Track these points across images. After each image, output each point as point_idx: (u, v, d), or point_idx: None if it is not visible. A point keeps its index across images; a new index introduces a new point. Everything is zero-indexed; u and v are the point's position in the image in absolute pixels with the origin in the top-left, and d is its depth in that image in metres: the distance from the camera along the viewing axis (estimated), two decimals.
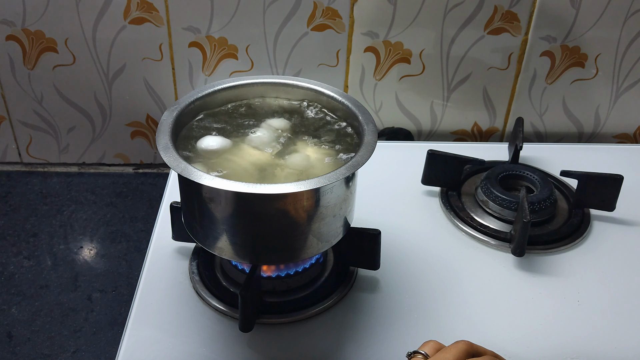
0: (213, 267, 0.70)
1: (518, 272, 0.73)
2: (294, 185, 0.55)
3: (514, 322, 0.66)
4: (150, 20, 0.88)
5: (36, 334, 0.67)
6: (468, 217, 0.80)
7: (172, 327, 0.64)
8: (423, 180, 0.84)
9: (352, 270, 0.71)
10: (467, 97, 0.97)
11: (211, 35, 0.90)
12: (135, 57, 0.91)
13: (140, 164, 1.01)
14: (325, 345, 0.63)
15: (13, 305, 0.71)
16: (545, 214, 0.78)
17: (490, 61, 0.94)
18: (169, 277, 0.70)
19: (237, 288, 0.68)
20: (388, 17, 0.90)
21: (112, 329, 0.68)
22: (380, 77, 0.95)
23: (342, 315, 0.66)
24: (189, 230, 0.65)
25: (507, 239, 0.76)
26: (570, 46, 0.93)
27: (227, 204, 0.58)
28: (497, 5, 0.89)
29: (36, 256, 0.77)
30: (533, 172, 0.83)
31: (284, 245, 0.61)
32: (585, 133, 1.02)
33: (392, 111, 0.99)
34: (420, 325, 0.65)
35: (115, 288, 0.73)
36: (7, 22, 0.88)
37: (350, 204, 0.64)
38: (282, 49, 0.91)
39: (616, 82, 0.97)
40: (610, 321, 0.67)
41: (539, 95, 0.98)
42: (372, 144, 0.60)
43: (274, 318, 0.65)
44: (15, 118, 0.96)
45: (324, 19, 0.89)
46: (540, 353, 0.63)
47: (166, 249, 0.73)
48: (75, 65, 0.92)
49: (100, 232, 0.82)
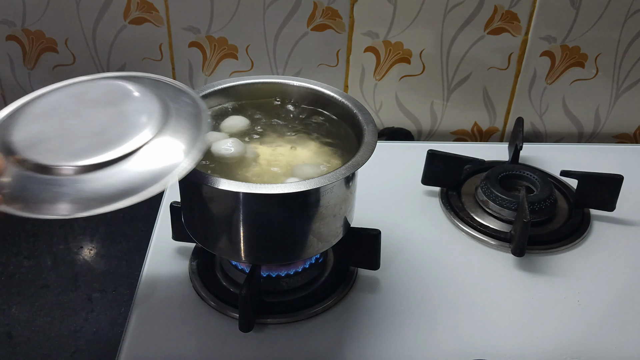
0: (213, 267, 0.70)
1: (518, 272, 0.73)
2: (294, 185, 0.55)
3: (514, 322, 0.66)
4: (150, 20, 0.88)
5: (36, 334, 0.67)
6: (468, 217, 0.80)
7: (172, 327, 0.64)
8: (423, 180, 0.84)
9: (352, 270, 0.71)
10: (467, 97, 0.97)
11: (211, 35, 0.90)
12: (135, 57, 0.91)
13: None
14: (325, 345, 0.63)
15: (13, 305, 0.71)
16: (545, 214, 0.78)
17: (490, 61, 0.94)
18: (169, 277, 0.70)
19: (237, 288, 0.68)
20: (388, 17, 0.90)
21: (112, 329, 0.68)
22: (380, 77, 0.95)
23: (342, 315, 0.66)
24: (189, 230, 0.65)
25: (507, 239, 0.76)
26: (570, 46, 0.93)
27: (227, 204, 0.58)
28: (497, 5, 0.89)
29: (36, 256, 0.77)
30: (533, 172, 0.83)
31: (284, 245, 0.61)
32: (585, 133, 1.02)
33: (392, 111, 0.99)
34: (420, 325, 0.65)
35: (115, 288, 0.73)
36: (7, 22, 0.88)
37: (350, 204, 0.64)
38: (282, 49, 0.91)
39: (616, 82, 0.97)
40: (610, 321, 0.67)
41: (539, 95, 0.98)
42: (372, 144, 0.60)
43: (274, 318, 0.65)
44: None
45: (324, 19, 0.89)
46: (540, 353, 0.63)
47: (166, 249, 0.74)
48: (75, 65, 0.92)
49: (100, 232, 0.82)
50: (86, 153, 0.46)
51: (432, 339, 0.64)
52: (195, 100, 0.54)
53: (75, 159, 0.46)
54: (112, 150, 0.47)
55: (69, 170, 0.46)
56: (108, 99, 0.52)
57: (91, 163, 0.46)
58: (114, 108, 0.51)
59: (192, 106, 0.53)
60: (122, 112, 0.50)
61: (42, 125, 0.50)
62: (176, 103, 0.52)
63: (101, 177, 0.46)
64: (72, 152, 0.47)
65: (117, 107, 0.51)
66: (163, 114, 0.50)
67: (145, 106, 0.51)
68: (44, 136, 0.49)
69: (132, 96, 0.52)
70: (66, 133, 0.49)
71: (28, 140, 0.48)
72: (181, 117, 0.51)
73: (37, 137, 0.49)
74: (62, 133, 0.49)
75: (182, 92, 0.55)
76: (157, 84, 0.55)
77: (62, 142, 0.48)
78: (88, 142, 0.48)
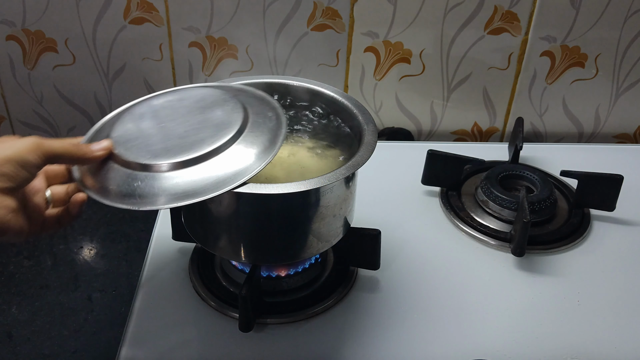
0: (213, 267, 0.70)
1: (518, 272, 0.73)
2: (294, 185, 0.55)
3: (514, 322, 0.66)
4: (150, 20, 0.88)
5: (36, 334, 0.67)
6: (468, 217, 0.80)
7: (172, 327, 0.64)
8: (423, 180, 0.84)
9: (352, 270, 0.71)
10: (467, 97, 0.97)
11: (211, 35, 0.90)
12: (135, 57, 0.91)
13: None
14: (325, 345, 0.63)
15: (13, 305, 0.71)
16: (545, 214, 0.78)
17: (490, 61, 0.94)
18: (169, 277, 0.70)
19: (237, 288, 0.68)
20: (388, 17, 0.90)
21: (112, 329, 0.68)
22: (380, 77, 0.95)
23: (342, 315, 0.66)
24: (189, 230, 0.65)
25: (507, 239, 0.76)
26: (570, 46, 0.93)
27: (227, 204, 0.58)
28: (497, 5, 0.89)
29: (36, 256, 0.77)
30: (533, 172, 0.83)
31: (284, 245, 0.61)
32: (585, 133, 1.02)
33: (392, 111, 0.99)
34: (420, 325, 0.65)
35: (115, 288, 0.73)
36: (7, 22, 0.88)
37: (350, 204, 0.64)
38: (282, 49, 0.91)
39: (616, 82, 0.97)
40: (610, 321, 0.67)
41: (539, 95, 0.98)
42: (372, 144, 0.60)
43: (273, 318, 0.65)
44: (15, 118, 0.96)
45: (324, 19, 0.89)
46: (540, 353, 0.63)
47: (166, 249, 0.74)
48: (75, 65, 0.92)
49: (100, 232, 0.82)
50: (165, 154, 0.52)
51: (432, 339, 0.64)
52: (279, 117, 0.58)
53: (153, 158, 0.52)
54: (187, 154, 0.52)
55: (138, 166, 0.52)
56: (198, 106, 0.58)
57: (167, 162, 0.52)
58: (201, 115, 0.57)
59: (274, 120, 0.58)
60: (207, 120, 0.56)
61: (137, 125, 0.57)
62: (259, 117, 0.57)
63: (168, 177, 0.51)
64: (153, 152, 0.53)
65: (204, 115, 0.57)
66: (243, 125, 0.55)
67: (229, 116, 0.56)
68: (134, 135, 0.55)
69: (220, 106, 0.58)
70: (154, 134, 0.55)
71: (122, 137, 0.55)
72: (259, 130, 0.55)
73: (130, 135, 0.55)
74: (151, 133, 0.55)
75: (270, 107, 0.60)
76: (250, 97, 0.61)
77: (149, 141, 0.54)
78: (170, 144, 0.53)
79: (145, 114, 0.58)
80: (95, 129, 0.59)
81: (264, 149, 0.54)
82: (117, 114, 0.60)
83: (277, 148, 0.55)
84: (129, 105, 0.61)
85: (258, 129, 0.55)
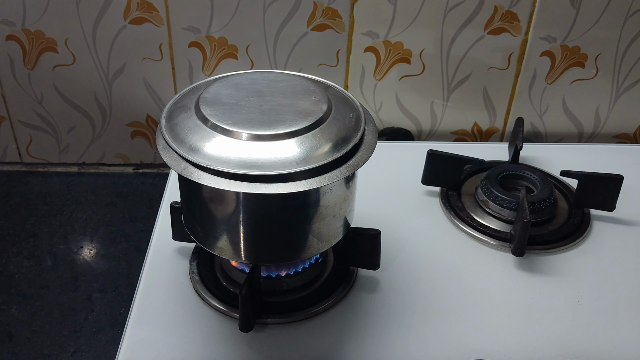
0: (213, 267, 0.70)
1: (518, 272, 0.73)
2: (294, 185, 0.54)
3: (514, 322, 0.66)
4: (150, 20, 0.88)
5: (36, 334, 0.67)
6: (468, 217, 0.80)
7: (172, 327, 0.64)
8: (423, 180, 0.84)
9: (352, 270, 0.71)
10: (467, 97, 0.97)
11: (211, 35, 0.90)
12: (135, 57, 0.91)
13: (140, 164, 1.01)
14: (325, 345, 0.63)
15: (13, 305, 0.71)
16: (545, 214, 0.78)
17: (490, 61, 0.94)
18: (169, 277, 0.70)
19: (237, 288, 0.68)
20: (388, 17, 0.90)
21: (112, 329, 0.68)
22: (380, 77, 0.95)
23: (342, 315, 0.66)
24: (189, 230, 0.65)
25: (507, 239, 0.76)
26: (570, 46, 0.93)
27: (227, 204, 0.58)
28: (497, 5, 0.89)
29: (36, 256, 0.77)
30: (533, 172, 0.83)
31: (284, 245, 0.61)
32: (585, 133, 1.02)
33: (392, 111, 0.99)
34: (420, 325, 0.65)
35: (115, 288, 0.73)
36: (7, 22, 0.88)
37: (350, 204, 0.64)
38: (282, 49, 0.92)
39: (616, 82, 0.97)
40: (610, 321, 0.67)
41: (539, 95, 0.98)
42: (372, 144, 0.60)
43: (274, 318, 0.65)
44: (15, 118, 0.96)
45: (324, 19, 0.89)
46: (540, 353, 0.63)
47: (166, 249, 0.73)
48: (75, 65, 0.92)
49: (100, 232, 0.82)
50: (244, 124, 0.55)
51: (432, 339, 0.64)
52: (359, 119, 0.61)
53: (234, 124, 0.55)
54: (263, 129, 0.55)
55: (217, 128, 0.55)
56: (289, 91, 0.61)
57: (245, 132, 0.55)
58: (289, 99, 0.60)
59: (353, 122, 0.60)
60: (293, 104, 0.59)
61: (229, 92, 0.60)
62: (340, 114, 0.60)
63: (240, 144, 0.55)
64: (235, 119, 0.56)
65: (292, 100, 0.60)
66: (324, 117, 0.58)
67: (313, 106, 0.59)
68: (223, 100, 0.59)
69: (308, 95, 0.61)
70: (242, 103, 0.59)
71: (212, 98, 0.59)
72: (336, 127, 0.58)
73: (220, 99, 0.59)
74: (238, 103, 0.59)
75: (353, 108, 0.62)
76: (336, 96, 0.63)
77: (234, 108, 0.58)
78: (252, 117, 0.57)
79: (240, 84, 0.62)
80: (194, 85, 0.64)
81: (334, 145, 0.56)
82: (218, 78, 0.64)
83: (347, 148, 0.57)
84: (231, 74, 0.65)
85: (336, 126, 0.58)
